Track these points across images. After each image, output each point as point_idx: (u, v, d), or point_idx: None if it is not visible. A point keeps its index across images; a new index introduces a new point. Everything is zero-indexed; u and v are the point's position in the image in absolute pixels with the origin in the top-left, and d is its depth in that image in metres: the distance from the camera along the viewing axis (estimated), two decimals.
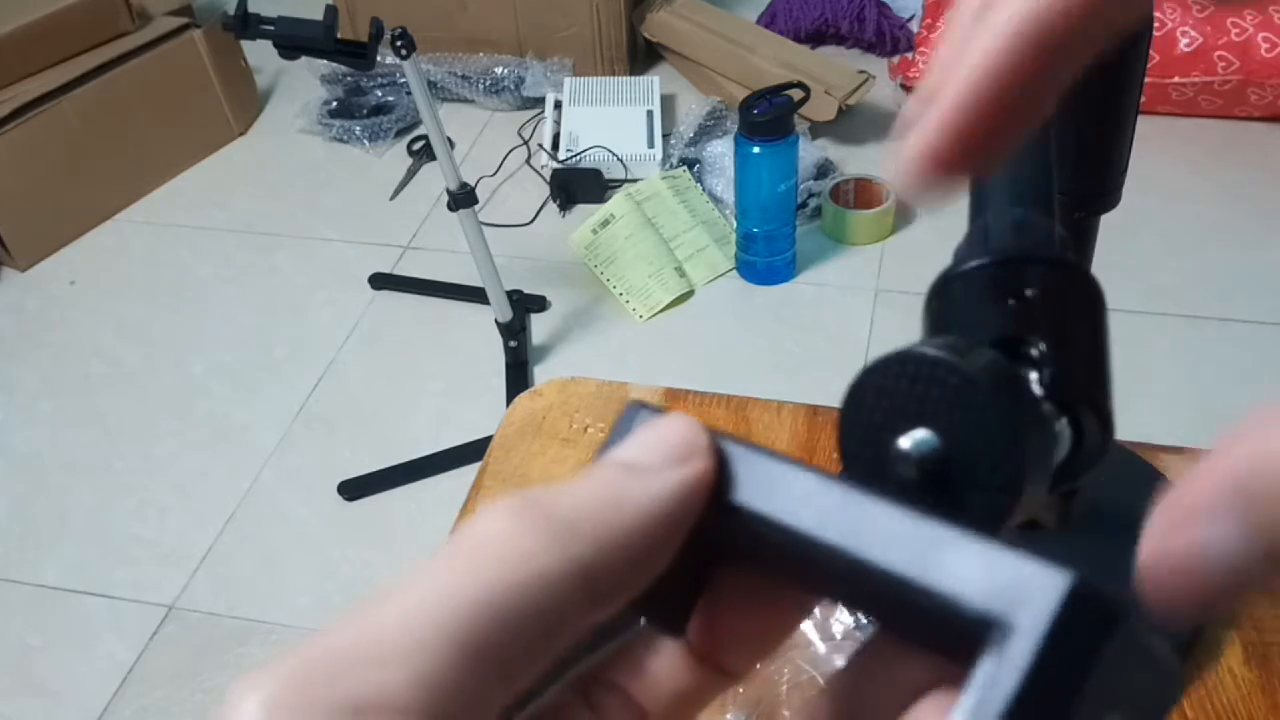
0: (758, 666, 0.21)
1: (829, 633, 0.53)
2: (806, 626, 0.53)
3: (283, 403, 1.84)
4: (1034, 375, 0.22)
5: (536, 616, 0.16)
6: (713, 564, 0.21)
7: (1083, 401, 0.22)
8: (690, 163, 2.20)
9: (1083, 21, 0.19)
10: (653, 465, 0.19)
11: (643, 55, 2.58)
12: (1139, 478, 0.59)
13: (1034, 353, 0.22)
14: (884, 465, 0.20)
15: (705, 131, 2.27)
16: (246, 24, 1.45)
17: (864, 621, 0.22)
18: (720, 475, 0.19)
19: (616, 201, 2.07)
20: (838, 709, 0.20)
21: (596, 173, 2.19)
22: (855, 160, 2.20)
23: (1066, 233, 0.25)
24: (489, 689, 0.16)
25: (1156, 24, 1.82)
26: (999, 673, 0.16)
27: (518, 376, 1.83)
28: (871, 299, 1.93)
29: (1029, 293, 0.23)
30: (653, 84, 2.39)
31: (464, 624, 0.16)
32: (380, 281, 2.07)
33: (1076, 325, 0.23)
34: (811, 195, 2.09)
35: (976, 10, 0.20)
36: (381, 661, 0.15)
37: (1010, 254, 0.23)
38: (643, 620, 0.20)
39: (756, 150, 1.83)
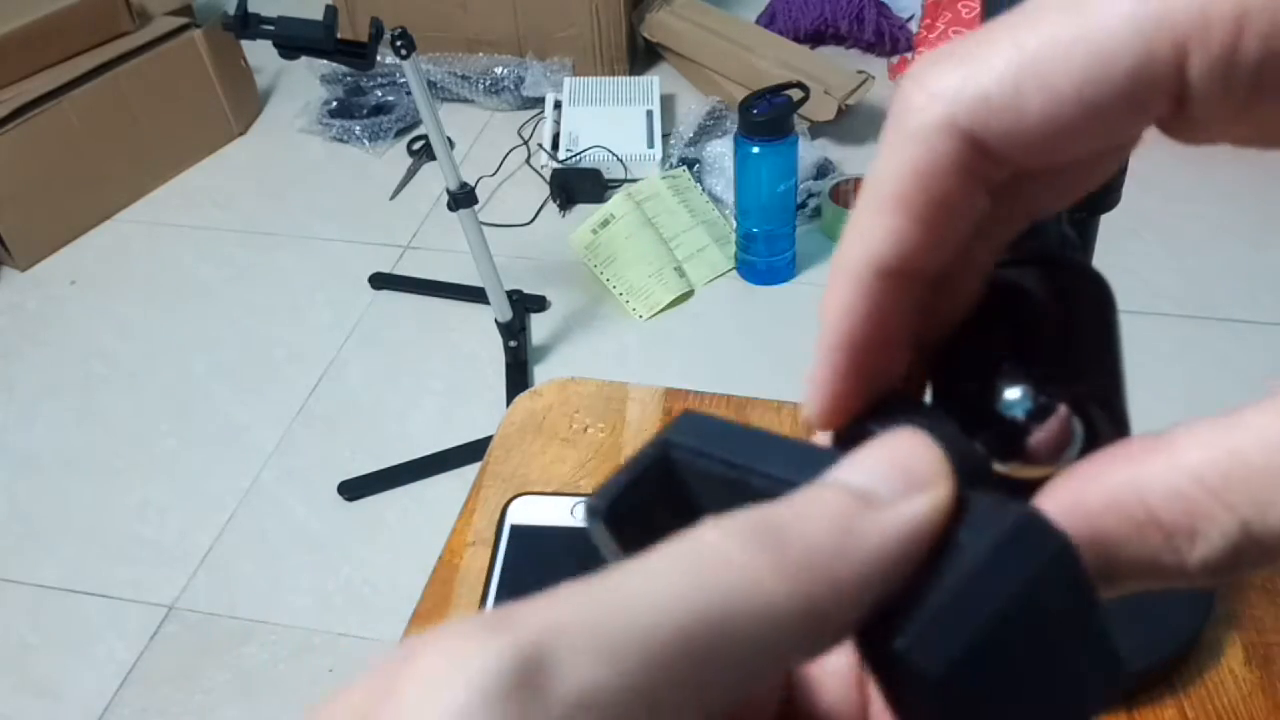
0: None
1: None
2: None
3: (283, 403, 1.84)
4: (1045, 375, 0.22)
5: (751, 649, 0.16)
6: None
7: (1096, 402, 0.22)
8: (690, 163, 2.20)
9: (921, 252, 0.20)
10: (888, 495, 0.18)
11: (642, 55, 2.58)
12: None
13: (1046, 354, 0.22)
14: None
15: (705, 131, 2.27)
16: (246, 24, 1.45)
17: None
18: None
19: (616, 201, 2.07)
20: None
21: (596, 173, 2.19)
22: (855, 160, 2.20)
23: (1074, 233, 0.25)
24: (683, 713, 0.15)
25: None
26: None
27: (518, 376, 1.83)
28: None
29: (1038, 294, 0.23)
30: (652, 84, 2.39)
31: (684, 637, 0.15)
32: (380, 281, 2.07)
33: (1087, 326, 0.23)
34: (811, 195, 2.09)
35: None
36: (596, 654, 0.14)
37: (1019, 256, 0.23)
38: None
39: (756, 150, 1.83)
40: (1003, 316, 0.23)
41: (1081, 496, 0.19)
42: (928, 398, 0.23)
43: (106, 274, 2.15)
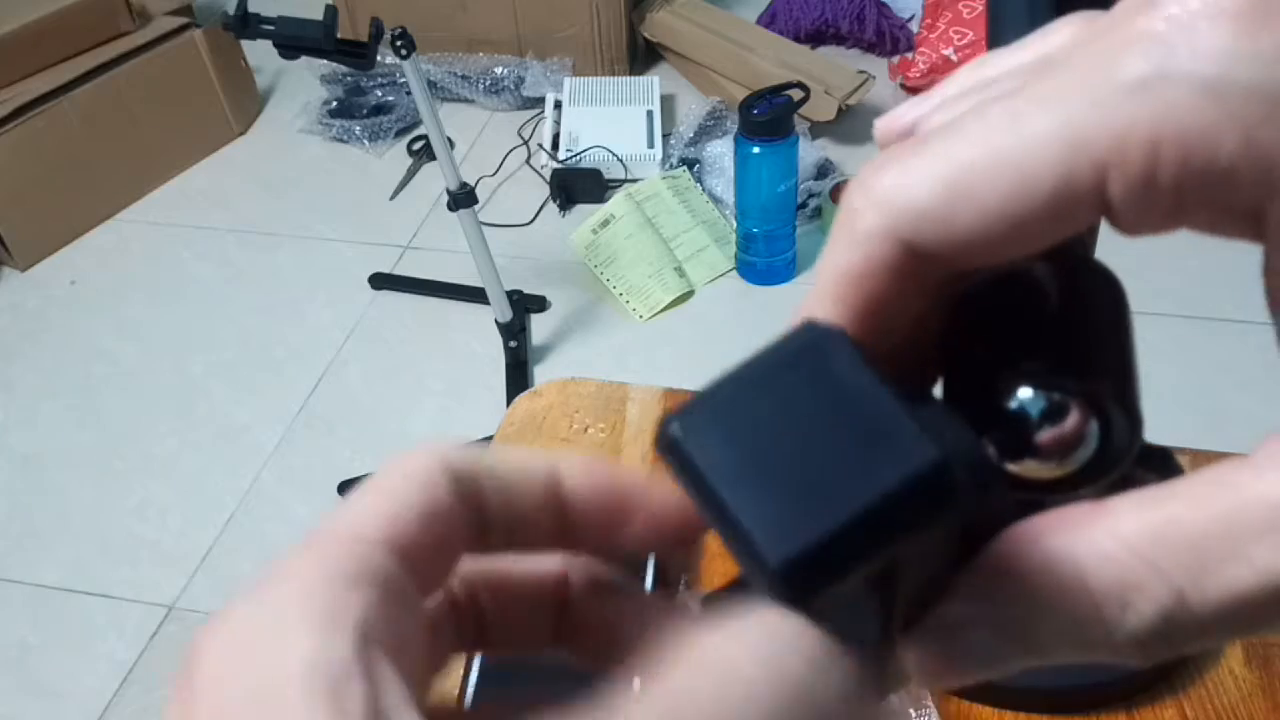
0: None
1: None
2: None
3: (283, 403, 1.84)
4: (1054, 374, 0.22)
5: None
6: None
7: (1109, 400, 0.22)
8: (690, 163, 2.20)
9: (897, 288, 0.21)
10: None
11: (643, 55, 2.58)
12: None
13: (1059, 351, 0.22)
14: None
15: (705, 131, 2.27)
16: (246, 24, 1.45)
17: None
18: None
19: (616, 201, 2.07)
20: None
21: (596, 173, 2.19)
22: (855, 160, 2.20)
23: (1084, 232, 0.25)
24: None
25: None
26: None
27: (518, 376, 1.83)
28: None
29: (1050, 290, 0.23)
30: (653, 84, 2.39)
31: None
32: (380, 281, 2.07)
33: (1100, 322, 0.23)
34: (811, 195, 2.09)
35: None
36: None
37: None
38: None
39: (756, 150, 1.83)
40: (1015, 312, 0.22)
41: (1019, 557, 0.19)
42: (938, 392, 0.23)
43: (106, 274, 2.15)
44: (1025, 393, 0.21)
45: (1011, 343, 0.22)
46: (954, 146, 0.19)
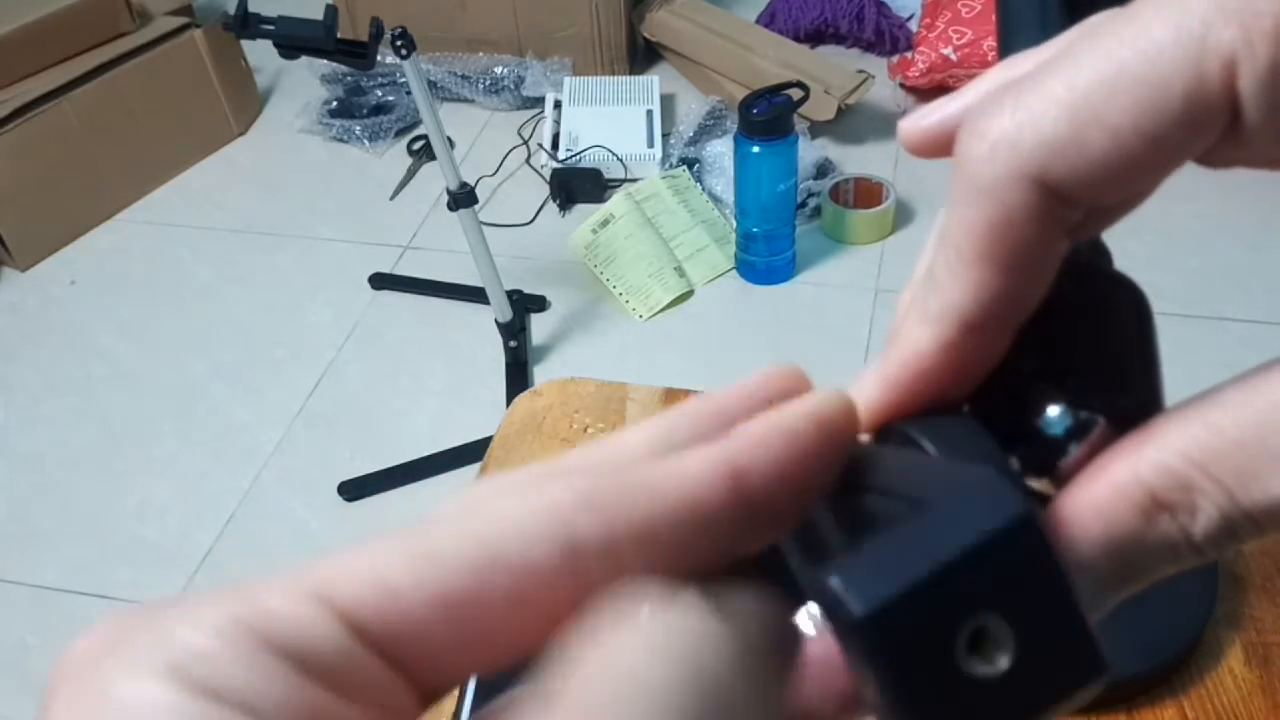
0: None
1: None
2: None
3: (283, 403, 1.84)
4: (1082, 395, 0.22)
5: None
6: None
7: (1137, 418, 0.22)
8: (690, 162, 2.20)
9: (1008, 304, 0.20)
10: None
11: (642, 55, 2.58)
12: None
13: (1086, 368, 0.22)
14: None
15: (705, 131, 2.27)
16: (246, 24, 1.45)
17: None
18: None
19: (616, 201, 2.07)
20: None
21: (596, 172, 2.19)
22: (855, 160, 2.20)
23: (1102, 242, 0.24)
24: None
25: None
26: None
27: (518, 376, 1.83)
28: (871, 299, 1.93)
29: (1078, 305, 0.22)
30: (652, 84, 2.39)
31: None
32: (380, 281, 2.07)
33: (1127, 338, 0.23)
34: (811, 195, 2.09)
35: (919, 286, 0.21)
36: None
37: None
38: None
39: (756, 150, 1.83)
40: (1043, 328, 0.22)
41: (1091, 495, 0.19)
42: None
43: (106, 274, 2.15)
44: (1051, 411, 0.21)
45: (1041, 358, 0.22)
46: (1071, 72, 0.18)
